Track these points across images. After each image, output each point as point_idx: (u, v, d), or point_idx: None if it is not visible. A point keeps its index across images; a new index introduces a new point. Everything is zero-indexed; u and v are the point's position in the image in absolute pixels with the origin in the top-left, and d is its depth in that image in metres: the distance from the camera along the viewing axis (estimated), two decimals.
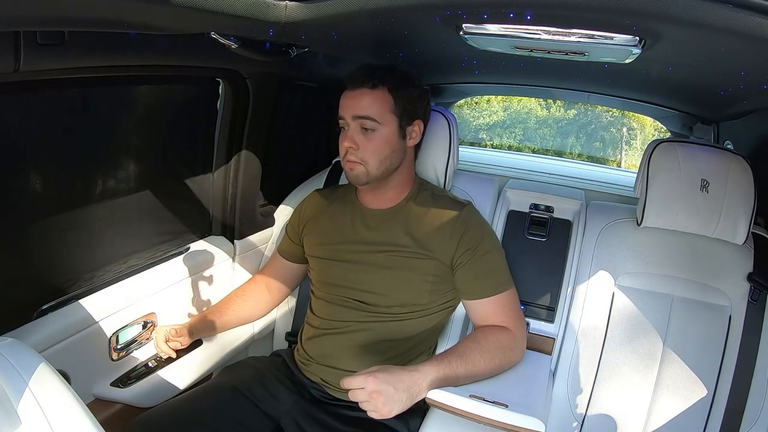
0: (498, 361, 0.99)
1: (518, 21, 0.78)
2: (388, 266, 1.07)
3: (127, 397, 1.02)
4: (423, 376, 0.89)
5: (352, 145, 1.04)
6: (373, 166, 1.05)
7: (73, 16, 0.62)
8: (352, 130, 1.05)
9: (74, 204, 0.97)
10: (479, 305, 1.07)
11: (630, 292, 1.18)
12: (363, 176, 1.06)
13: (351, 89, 1.06)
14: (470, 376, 0.96)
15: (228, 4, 0.69)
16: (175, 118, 1.16)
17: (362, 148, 1.04)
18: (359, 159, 1.05)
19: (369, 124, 1.04)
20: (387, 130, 1.05)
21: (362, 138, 1.04)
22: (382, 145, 1.05)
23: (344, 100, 1.07)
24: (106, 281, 1.05)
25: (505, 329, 1.04)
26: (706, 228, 1.13)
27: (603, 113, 2.92)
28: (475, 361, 0.96)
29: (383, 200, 1.13)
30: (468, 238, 1.06)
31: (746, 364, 1.09)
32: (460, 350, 0.97)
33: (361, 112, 1.04)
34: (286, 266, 1.25)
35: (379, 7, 0.74)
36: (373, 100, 1.04)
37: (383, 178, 1.08)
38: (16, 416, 0.57)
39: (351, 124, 1.05)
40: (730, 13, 0.60)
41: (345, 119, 1.06)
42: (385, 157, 1.06)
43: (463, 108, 2.76)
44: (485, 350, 0.98)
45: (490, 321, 1.06)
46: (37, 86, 0.83)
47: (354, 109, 1.04)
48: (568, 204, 1.33)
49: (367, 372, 0.86)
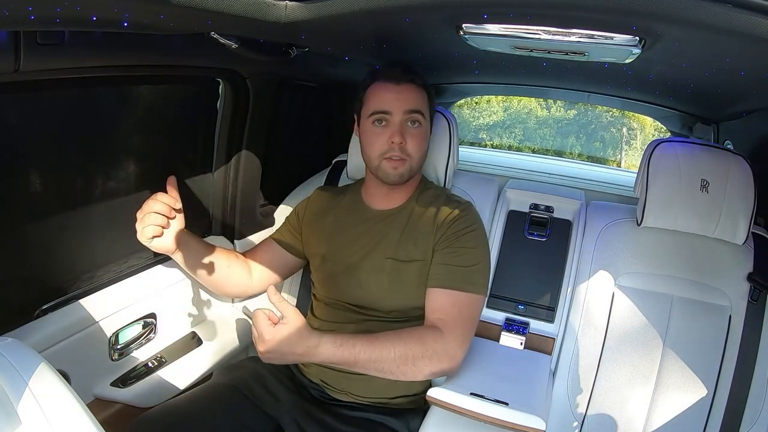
0: (410, 360, 0.91)
1: (518, 21, 0.78)
2: (387, 269, 1.06)
3: (127, 397, 1.02)
4: (317, 354, 0.89)
5: (402, 140, 1.02)
6: (417, 161, 1.06)
7: (73, 16, 0.62)
8: (398, 124, 1.03)
9: (74, 204, 0.97)
10: (433, 294, 1.00)
11: (630, 292, 1.18)
12: (407, 173, 1.05)
13: (394, 84, 1.04)
14: (371, 365, 0.91)
15: (228, 4, 0.69)
16: (175, 118, 1.16)
17: (410, 143, 1.04)
18: (406, 154, 1.03)
19: (418, 118, 1.04)
20: (426, 126, 1.08)
21: (409, 132, 1.04)
22: (424, 141, 1.07)
23: (388, 94, 1.03)
24: (106, 281, 1.05)
25: (437, 330, 0.95)
26: (706, 228, 1.13)
27: (603, 113, 2.92)
28: (383, 350, 0.90)
29: (391, 201, 1.13)
30: (456, 226, 1.05)
31: (746, 364, 1.09)
32: (375, 336, 0.93)
33: (414, 105, 1.03)
34: (278, 254, 1.19)
35: (379, 7, 0.74)
36: (419, 95, 1.05)
37: (412, 177, 1.09)
38: (16, 416, 0.57)
39: (400, 118, 1.03)
40: (730, 13, 0.60)
41: (392, 113, 1.03)
42: (424, 153, 1.08)
43: (463, 108, 2.76)
44: (401, 343, 0.91)
45: (434, 315, 0.98)
46: (37, 86, 0.83)
47: (405, 103, 1.03)
48: (568, 204, 1.33)
49: (275, 332, 0.87)
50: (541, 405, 0.96)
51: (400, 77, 1.04)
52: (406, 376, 0.92)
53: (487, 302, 1.25)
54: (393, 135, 1.02)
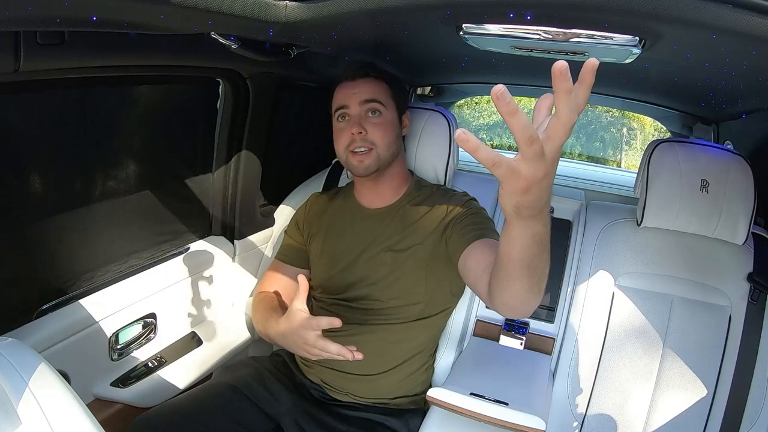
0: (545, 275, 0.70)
1: (518, 21, 0.78)
2: (387, 261, 1.07)
3: (127, 397, 1.02)
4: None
5: (360, 129, 1.04)
6: (383, 147, 1.06)
7: (73, 16, 0.62)
8: (357, 116, 1.06)
9: (74, 204, 0.97)
10: (479, 248, 0.93)
11: (630, 292, 1.18)
12: (374, 162, 1.06)
13: (350, 81, 1.08)
14: (546, 255, 0.65)
15: (228, 4, 0.69)
16: (175, 118, 1.16)
17: (371, 131, 1.05)
18: (369, 143, 1.05)
19: (377, 107, 1.06)
20: (390, 115, 1.09)
21: (369, 122, 1.06)
22: (388, 128, 1.07)
23: (345, 90, 1.08)
24: (106, 281, 1.05)
25: None
26: (706, 228, 1.13)
27: (603, 113, 2.92)
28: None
29: (382, 198, 1.13)
30: (466, 207, 1.06)
31: (746, 364, 1.09)
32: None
33: (369, 95, 1.06)
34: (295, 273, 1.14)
35: (379, 7, 0.74)
36: (376, 86, 1.08)
37: (386, 167, 1.09)
38: (16, 416, 0.57)
39: (357, 109, 1.06)
40: (730, 13, 0.60)
41: (349, 106, 1.06)
42: (392, 141, 1.08)
43: (463, 108, 2.76)
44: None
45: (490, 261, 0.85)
46: (37, 86, 0.82)
47: (360, 94, 1.06)
48: (568, 204, 1.33)
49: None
50: (541, 405, 0.97)
51: (355, 74, 1.08)
52: (540, 293, 0.71)
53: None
54: (352, 126, 1.05)
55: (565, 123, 0.46)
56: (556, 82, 0.43)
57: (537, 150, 0.46)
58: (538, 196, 0.51)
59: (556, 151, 0.48)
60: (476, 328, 1.24)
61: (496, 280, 0.73)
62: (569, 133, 0.47)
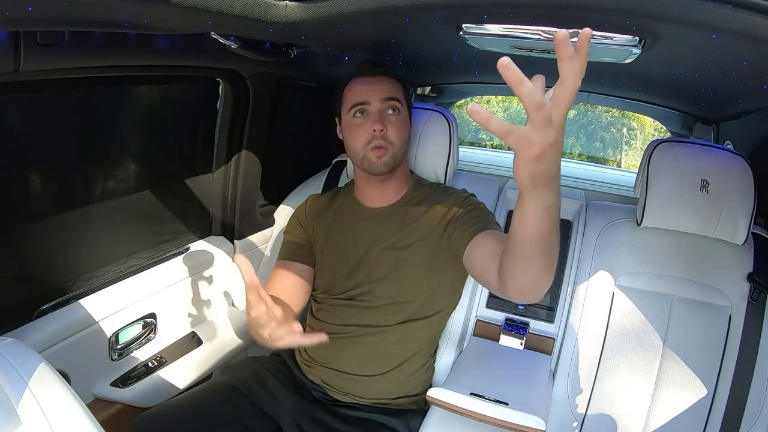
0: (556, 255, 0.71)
1: (518, 21, 0.78)
2: (389, 258, 1.07)
3: (127, 397, 1.02)
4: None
5: (382, 127, 1.03)
6: (398, 148, 1.06)
7: (73, 16, 0.62)
8: (378, 113, 1.05)
9: (74, 204, 0.97)
10: (483, 239, 0.94)
11: (630, 292, 1.18)
12: (391, 160, 1.06)
13: (369, 77, 1.07)
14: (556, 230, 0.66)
15: (228, 4, 0.69)
16: (175, 118, 1.16)
17: (390, 130, 1.05)
18: (387, 142, 1.05)
19: (396, 105, 1.06)
20: (405, 114, 1.10)
21: (388, 119, 1.06)
22: (404, 127, 1.08)
23: (362, 86, 1.06)
24: (106, 281, 1.05)
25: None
26: (706, 228, 1.13)
27: (603, 113, 2.92)
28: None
29: (384, 197, 1.13)
30: (467, 203, 1.07)
31: (746, 364, 1.09)
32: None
33: (390, 93, 1.06)
34: (306, 271, 1.13)
35: (379, 7, 0.74)
36: (394, 85, 1.08)
37: (397, 166, 1.09)
38: (16, 416, 0.57)
39: (379, 106, 1.05)
40: (730, 13, 0.60)
41: (371, 103, 1.05)
42: (406, 140, 1.09)
43: (463, 108, 2.75)
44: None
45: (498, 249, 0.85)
46: (37, 86, 0.83)
47: (381, 92, 1.05)
48: (568, 204, 1.33)
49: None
50: (541, 405, 0.97)
51: (373, 70, 1.07)
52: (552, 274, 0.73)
53: (487, 302, 1.26)
54: (374, 123, 1.04)
55: (570, 87, 0.49)
56: (559, 48, 0.47)
57: (545, 115, 0.50)
58: (551, 163, 0.54)
59: (562, 117, 0.51)
60: (476, 328, 1.24)
61: (508, 265, 0.74)
62: (573, 98, 0.51)
